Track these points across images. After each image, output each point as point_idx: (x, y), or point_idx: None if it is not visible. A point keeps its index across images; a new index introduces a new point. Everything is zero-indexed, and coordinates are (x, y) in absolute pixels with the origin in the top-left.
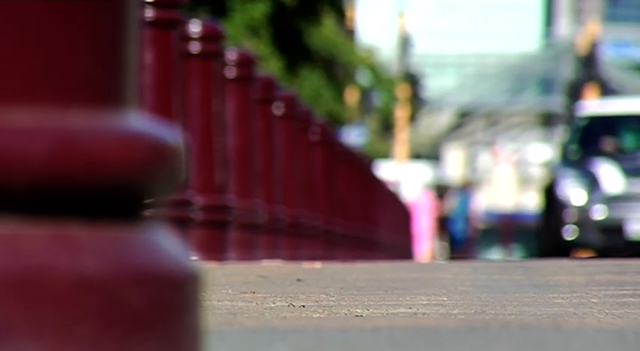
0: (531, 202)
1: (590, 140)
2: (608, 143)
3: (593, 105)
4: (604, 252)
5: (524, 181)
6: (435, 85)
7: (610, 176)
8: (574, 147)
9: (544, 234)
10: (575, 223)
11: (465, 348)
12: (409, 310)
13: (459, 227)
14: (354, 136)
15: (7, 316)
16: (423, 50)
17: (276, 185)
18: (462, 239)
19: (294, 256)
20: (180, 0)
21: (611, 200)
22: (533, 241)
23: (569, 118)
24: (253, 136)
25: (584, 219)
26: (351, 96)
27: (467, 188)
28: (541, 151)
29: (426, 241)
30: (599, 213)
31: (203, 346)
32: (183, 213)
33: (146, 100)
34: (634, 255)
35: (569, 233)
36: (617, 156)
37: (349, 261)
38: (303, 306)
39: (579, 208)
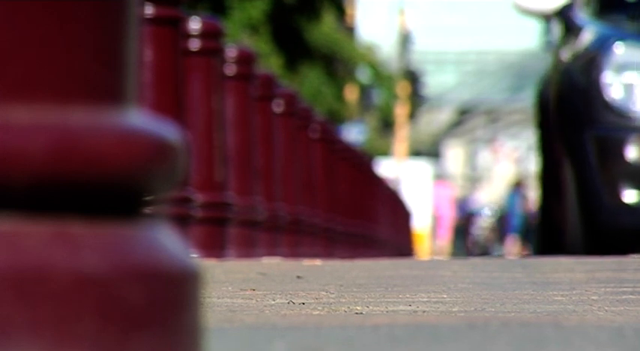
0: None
1: None
2: None
3: None
4: None
5: (525, 179)
6: (435, 82)
7: None
8: None
9: (553, 207)
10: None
11: (465, 345)
12: (409, 308)
13: (514, 223)
14: (354, 134)
15: (7, 314)
16: (423, 47)
17: (276, 182)
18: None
19: (293, 254)
20: None
21: None
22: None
23: None
24: (253, 134)
25: None
26: (351, 93)
27: (519, 186)
28: None
29: (447, 231)
30: None
31: (203, 344)
32: (183, 210)
33: (146, 98)
34: None
35: (631, 194)
36: None
37: (349, 258)
38: (303, 303)
39: None
